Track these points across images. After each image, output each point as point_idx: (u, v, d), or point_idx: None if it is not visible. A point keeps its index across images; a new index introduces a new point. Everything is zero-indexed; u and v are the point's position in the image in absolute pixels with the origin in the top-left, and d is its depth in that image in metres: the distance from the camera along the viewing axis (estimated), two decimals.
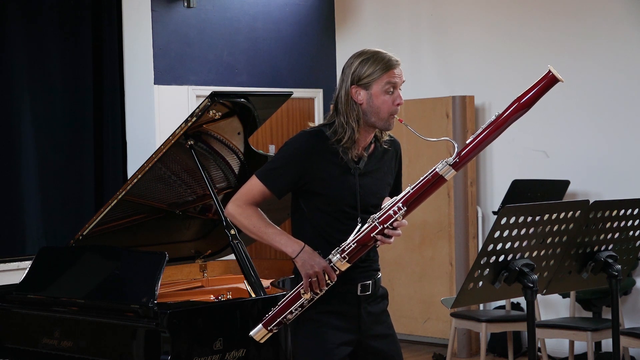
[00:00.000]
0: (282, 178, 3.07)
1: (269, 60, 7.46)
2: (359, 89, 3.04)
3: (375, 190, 3.10)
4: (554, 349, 6.56)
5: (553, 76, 2.96)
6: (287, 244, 3.06)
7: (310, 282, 3.00)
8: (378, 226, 2.97)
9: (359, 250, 3.00)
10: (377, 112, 3.04)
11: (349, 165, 3.07)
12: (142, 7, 6.74)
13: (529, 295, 2.87)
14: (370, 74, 3.02)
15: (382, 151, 3.17)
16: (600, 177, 6.57)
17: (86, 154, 6.63)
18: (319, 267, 2.99)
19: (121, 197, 4.03)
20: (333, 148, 3.05)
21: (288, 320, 3.08)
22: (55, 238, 6.36)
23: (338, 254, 3.00)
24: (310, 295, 3.02)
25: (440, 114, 6.92)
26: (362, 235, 2.99)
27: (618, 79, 6.53)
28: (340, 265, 3.00)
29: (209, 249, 4.59)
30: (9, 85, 6.31)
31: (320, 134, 3.07)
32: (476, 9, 7.23)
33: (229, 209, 3.12)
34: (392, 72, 3.03)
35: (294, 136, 3.12)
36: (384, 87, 3.02)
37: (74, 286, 3.86)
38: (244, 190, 3.12)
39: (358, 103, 3.05)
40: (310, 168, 3.04)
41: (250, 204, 3.10)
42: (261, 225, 3.08)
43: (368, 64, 3.03)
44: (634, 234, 3.23)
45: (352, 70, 3.05)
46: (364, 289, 3.11)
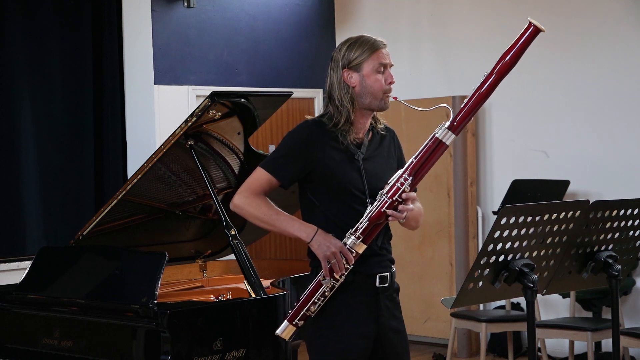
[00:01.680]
0: (288, 167, 3.10)
1: (269, 60, 7.46)
2: (350, 72, 3.12)
3: (380, 174, 3.14)
4: (554, 349, 6.56)
5: (535, 28, 3.03)
6: (300, 228, 3.07)
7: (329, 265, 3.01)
8: (387, 200, 3.01)
9: (372, 229, 3.03)
10: (371, 91, 3.11)
11: (350, 149, 3.12)
12: (142, 7, 6.74)
13: (529, 295, 2.87)
14: (359, 55, 3.11)
15: (379, 137, 3.23)
16: (600, 177, 6.57)
17: (86, 154, 6.63)
18: (335, 247, 3.01)
19: (121, 197, 4.03)
20: (333, 134, 3.10)
21: (312, 313, 3.07)
22: (55, 238, 6.36)
23: (352, 235, 3.03)
24: (331, 281, 3.03)
25: (440, 114, 6.87)
26: (374, 213, 3.02)
27: (618, 79, 6.53)
28: (356, 247, 3.03)
29: (209, 249, 4.59)
30: (9, 85, 6.31)
31: (320, 122, 3.13)
32: (476, 9, 7.23)
33: (235, 201, 3.13)
34: (380, 52, 3.12)
35: (295, 127, 3.17)
36: (374, 66, 3.11)
37: (74, 286, 3.86)
38: (249, 182, 3.13)
39: (351, 86, 3.12)
40: (315, 155, 3.08)
41: (258, 194, 3.11)
42: (272, 213, 3.09)
43: (355, 46, 3.13)
44: (634, 234, 3.23)
45: (342, 55, 3.14)
46: (382, 280, 3.14)
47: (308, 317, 3.08)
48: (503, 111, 7.05)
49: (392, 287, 3.20)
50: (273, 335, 3.59)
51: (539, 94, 6.87)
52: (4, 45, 6.28)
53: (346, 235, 3.03)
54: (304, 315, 3.08)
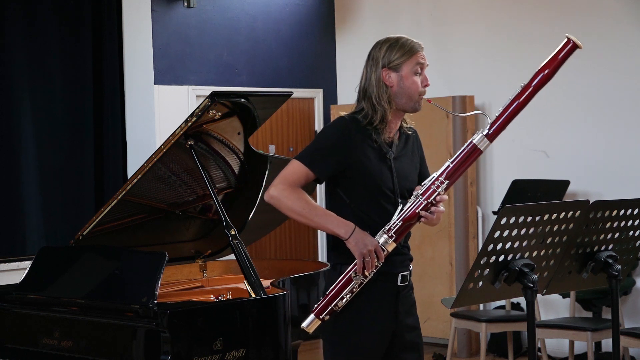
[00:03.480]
0: (325, 161, 3.12)
1: (269, 60, 7.47)
2: (389, 71, 3.17)
3: (407, 173, 3.22)
4: (554, 349, 6.56)
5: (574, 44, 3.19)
6: (339, 225, 3.08)
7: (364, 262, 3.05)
8: (423, 202, 3.07)
9: (404, 229, 3.08)
10: (407, 92, 3.17)
11: (382, 149, 3.17)
12: (142, 7, 6.74)
13: (529, 295, 2.87)
14: (400, 56, 3.16)
15: (405, 137, 3.29)
16: (600, 177, 6.57)
17: (86, 154, 6.63)
18: (372, 245, 3.05)
19: (121, 197, 4.03)
20: (368, 132, 3.14)
21: (338, 308, 3.10)
22: (55, 238, 6.37)
23: (384, 234, 3.07)
24: (361, 278, 3.07)
25: (440, 114, 6.92)
26: (408, 213, 3.07)
27: (618, 79, 6.53)
28: (387, 246, 3.08)
29: (209, 249, 4.59)
30: (9, 85, 6.31)
31: (356, 119, 3.16)
32: (476, 9, 7.23)
33: (271, 192, 3.11)
34: (420, 54, 3.19)
35: (331, 122, 3.20)
36: (413, 68, 3.17)
37: (74, 286, 3.86)
38: (285, 174, 3.13)
39: (389, 86, 3.16)
40: (352, 151, 3.11)
41: (295, 187, 3.11)
42: (311, 208, 3.10)
43: (396, 47, 3.18)
44: (634, 234, 3.23)
45: (382, 54, 3.18)
46: (403, 279, 3.21)
47: (334, 312, 3.12)
48: None
49: (410, 284, 3.27)
50: (273, 335, 3.60)
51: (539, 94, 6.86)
52: (4, 45, 6.29)
53: (379, 234, 3.08)
54: (331, 310, 3.11)
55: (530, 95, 3.22)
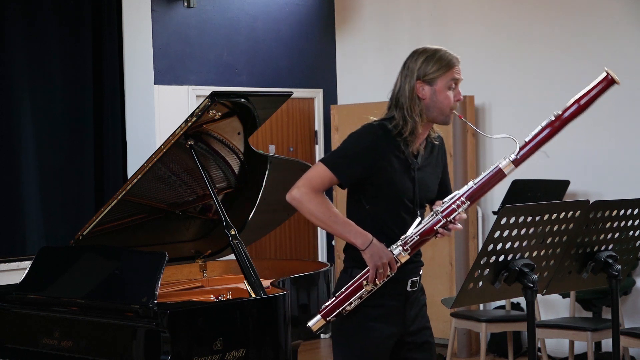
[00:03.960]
0: (352, 168, 3.11)
1: (269, 60, 7.47)
2: (423, 84, 3.15)
3: (429, 183, 3.22)
4: (554, 349, 6.56)
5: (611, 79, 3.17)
6: (357, 235, 3.09)
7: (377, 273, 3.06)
8: (442, 219, 3.06)
9: (420, 243, 3.09)
10: (439, 107, 3.15)
11: (408, 159, 3.16)
12: (142, 7, 6.74)
13: (529, 295, 2.87)
14: (436, 70, 3.15)
15: (431, 146, 3.27)
16: (600, 177, 6.57)
17: (86, 154, 6.63)
18: (387, 258, 3.06)
19: (121, 197, 4.03)
20: (396, 142, 3.13)
21: (346, 312, 3.12)
22: (55, 238, 6.37)
23: (400, 246, 3.07)
24: (372, 286, 3.08)
25: None
26: (425, 228, 3.08)
27: (618, 78, 6.52)
28: (401, 257, 3.08)
29: (209, 249, 4.59)
30: (9, 85, 6.31)
31: (385, 128, 3.14)
32: (476, 9, 7.23)
33: (294, 194, 3.11)
34: (456, 69, 3.18)
35: (360, 128, 3.17)
36: (447, 82, 3.15)
37: (74, 286, 3.86)
38: (309, 177, 3.12)
39: (421, 98, 3.14)
40: (378, 160, 3.10)
41: (319, 192, 3.11)
42: (331, 214, 3.10)
43: (433, 60, 3.17)
44: (634, 234, 3.23)
45: (418, 66, 3.17)
46: (413, 284, 3.21)
47: (340, 314, 3.13)
48: (503, 111, 7.05)
49: (420, 287, 3.28)
50: (273, 335, 3.60)
51: (539, 93, 6.87)
52: (4, 45, 6.29)
53: (394, 245, 3.08)
54: (339, 313, 3.13)
55: (560, 126, 3.27)
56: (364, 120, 3.23)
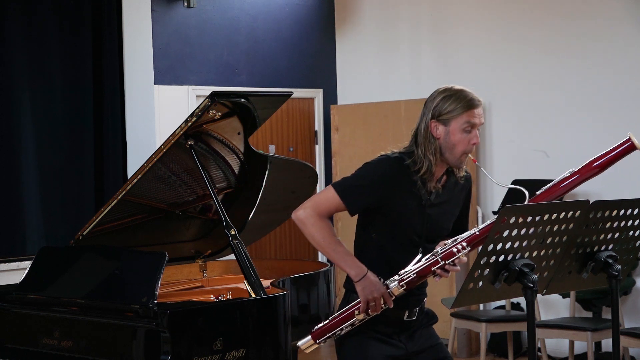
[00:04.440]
0: (361, 198, 3.10)
1: (269, 60, 7.47)
2: (438, 124, 3.10)
3: (442, 221, 3.18)
4: (554, 349, 6.56)
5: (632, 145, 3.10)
6: (352, 266, 3.09)
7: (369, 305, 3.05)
8: (440, 261, 3.03)
9: (417, 281, 3.07)
10: (452, 148, 3.11)
11: (422, 196, 3.12)
12: (142, 7, 6.74)
13: (529, 295, 2.87)
14: (450, 110, 3.09)
15: (453, 183, 3.23)
16: (600, 177, 6.55)
17: (86, 154, 6.63)
18: (378, 293, 3.04)
19: (121, 197, 4.03)
20: (412, 178, 3.10)
21: (337, 336, 3.14)
22: (55, 238, 6.36)
23: (397, 281, 3.05)
24: (364, 316, 3.08)
25: None
26: (422, 268, 3.05)
27: (618, 78, 6.53)
28: (396, 291, 3.06)
29: (209, 249, 4.59)
30: (9, 85, 6.31)
31: (402, 162, 3.11)
32: (476, 9, 7.23)
33: (300, 215, 3.11)
34: (473, 112, 3.10)
35: (377, 159, 3.15)
36: (462, 125, 3.09)
37: (74, 286, 3.86)
38: (318, 200, 3.13)
39: (436, 137, 3.10)
40: (389, 194, 3.08)
41: (323, 216, 3.11)
42: (331, 242, 3.10)
43: (450, 100, 3.09)
44: (634, 234, 3.23)
45: (434, 104, 3.11)
46: (411, 314, 3.20)
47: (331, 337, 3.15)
48: (503, 111, 7.04)
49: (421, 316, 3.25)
50: (273, 335, 3.59)
51: (539, 94, 6.87)
52: (4, 45, 6.29)
53: (390, 279, 3.06)
54: (329, 337, 3.15)
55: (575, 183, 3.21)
56: (363, 120, 3.21)
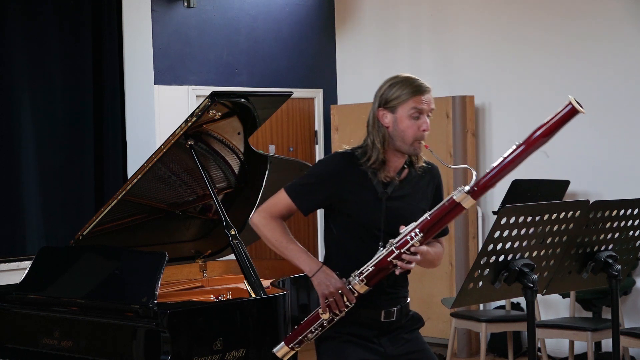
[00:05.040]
0: (310, 196, 3.09)
1: (269, 60, 7.47)
2: (385, 111, 3.05)
3: (406, 215, 3.05)
4: (554, 349, 6.56)
5: (573, 109, 2.94)
6: (306, 262, 3.09)
7: (328, 302, 3.01)
8: (395, 251, 2.97)
9: (377, 274, 3.00)
10: (402, 136, 3.04)
11: (377, 188, 3.06)
12: (142, 7, 6.74)
13: (529, 295, 2.87)
14: (397, 97, 3.03)
15: (417, 176, 3.16)
16: (600, 177, 6.57)
17: (86, 154, 6.63)
18: (334, 287, 3.00)
19: (121, 197, 4.03)
20: (362, 170, 3.05)
21: (309, 339, 3.10)
22: (55, 238, 6.36)
23: (357, 276, 3.01)
24: (329, 316, 3.03)
25: (440, 114, 6.92)
26: (379, 260, 2.99)
27: (618, 79, 6.53)
28: (359, 288, 3.00)
29: (209, 249, 4.60)
30: (9, 85, 6.31)
31: (352, 156, 3.08)
32: (476, 10, 7.23)
33: (253, 219, 3.14)
34: (419, 98, 3.03)
35: (326, 156, 3.15)
36: (409, 111, 3.02)
37: (74, 286, 3.86)
38: (271, 203, 3.14)
39: (384, 126, 3.05)
40: (339, 189, 3.05)
41: (275, 217, 3.12)
42: (283, 240, 3.11)
43: (396, 87, 3.04)
44: (634, 234, 3.23)
45: (381, 92, 3.07)
46: (388, 315, 3.12)
47: (305, 342, 3.11)
48: (503, 111, 7.04)
49: (404, 319, 3.18)
50: (273, 335, 3.59)
51: (538, 94, 6.87)
52: (4, 45, 6.28)
53: (352, 275, 3.01)
54: (301, 341, 3.10)
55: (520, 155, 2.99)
56: (363, 120, 3.20)
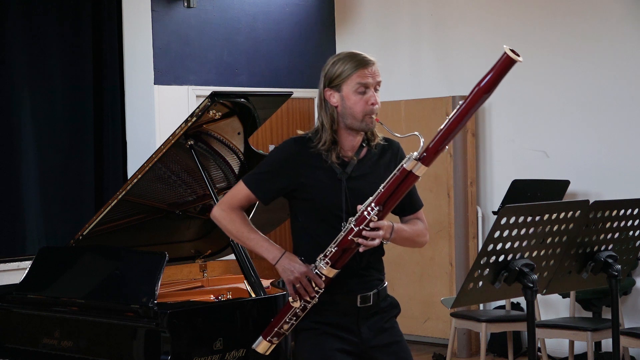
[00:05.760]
0: (267, 184, 3.06)
1: (269, 60, 7.47)
2: (331, 91, 3.01)
3: (368, 194, 2.95)
4: (554, 349, 6.56)
5: (509, 57, 2.80)
6: (268, 250, 3.05)
7: (296, 289, 2.96)
8: (354, 228, 2.91)
9: (342, 255, 2.94)
10: (351, 113, 2.98)
11: (334, 169, 3.02)
12: (142, 7, 6.74)
13: (529, 295, 2.87)
14: (340, 73, 2.99)
15: (376, 154, 3.09)
16: (600, 177, 6.57)
17: (86, 154, 6.63)
18: (299, 272, 2.95)
19: (121, 197, 4.03)
20: (317, 152, 3.01)
21: (285, 331, 3.05)
22: (55, 238, 6.37)
23: (322, 259, 2.95)
24: (300, 304, 2.98)
25: (440, 114, 6.92)
26: (341, 239, 2.93)
27: (618, 79, 6.53)
28: (326, 272, 2.95)
29: (209, 249, 4.60)
30: (9, 85, 6.31)
31: (305, 140, 3.04)
32: (476, 9, 7.23)
33: (214, 212, 3.11)
34: (363, 72, 2.98)
35: (281, 143, 3.10)
36: (354, 87, 2.97)
37: (74, 286, 3.86)
38: (230, 195, 3.11)
39: (333, 105, 3.01)
40: (296, 174, 3.02)
41: (235, 209, 3.08)
42: (244, 231, 3.08)
43: (339, 64, 3.00)
44: (634, 234, 3.23)
45: (325, 72, 3.04)
46: (364, 300, 3.05)
47: (283, 335, 3.06)
48: (503, 111, 7.05)
49: (381, 304, 3.10)
50: None
51: (539, 94, 6.87)
52: (4, 44, 6.29)
53: (317, 259, 2.96)
54: (277, 333, 3.05)
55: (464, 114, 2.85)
56: None
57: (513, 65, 2.79)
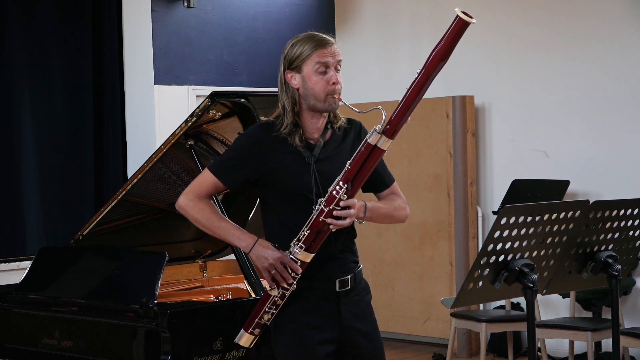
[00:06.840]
0: (233, 170, 3.02)
1: (269, 60, 7.46)
2: (292, 72, 2.99)
3: (337, 175, 2.94)
4: (554, 349, 6.56)
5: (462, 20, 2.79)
6: (240, 238, 3.01)
7: (272, 276, 2.94)
8: (325, 209, 2.89)
9: (315, 238, 2.92)
10: (312, 94, 2.96)
11: (301, 152, 2.99)
12: (142, 7, 6.74)
13: (529, 295, 2.87)
14: (299, 55, 2.96)
15: (341, 135, 3.08)
16: (600, 177, 6.57)
17: (86, 154, 6.63)
18: (273, 259, 2.93)
19: (121, 197, 4.03)
20: (281, 136, 2.98)
21: (267, 321, 3.03)
22: (55, 238, 6.37)
23: (296, 244, 2.93)
24: (278, 291, 2.96)
25: (440, 114, 6.92)
26: (312, 222, 2.91)
27: (618, 79, 6.53)
28: (302, 257, 2.93)
29: (209, 249, 4.59)
30: (9, 85, 6.31)
31: (270, 124, 3.02)
32: (476, 9, 7.21)
33: (179, 202, 3.06)
34: (322, 51, 2.95)
35: (245, 130, 3.11)
36: (314, 67, 2.95)
37: (74, 286, 3.86)
38: (196, 183, 3.06)
39: (294, 87, 2.99)
40: (263, 159, 2.99)
41: (202, 197, 3.04)
42: (214, 219, 3.03)
43: (297, 45, 2.98)
44: (634, 234, 3.23)
45: (285, 54, 3.01)
46: (343, 284, 3.03)
47: (264, 326, 3.04)
48: (503, 111, 7.05)
49: (357, 288, 3.08)
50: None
51: (538, 94, 6.87)
52: (4, 44, 6.29)
53: (292, 244, 2.94)
54: (258, 324, 3.03)
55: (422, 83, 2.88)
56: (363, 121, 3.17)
57: (466, 27, 2.82)
